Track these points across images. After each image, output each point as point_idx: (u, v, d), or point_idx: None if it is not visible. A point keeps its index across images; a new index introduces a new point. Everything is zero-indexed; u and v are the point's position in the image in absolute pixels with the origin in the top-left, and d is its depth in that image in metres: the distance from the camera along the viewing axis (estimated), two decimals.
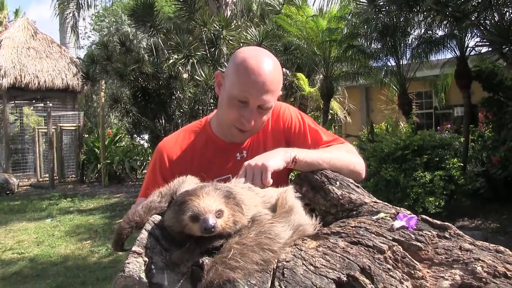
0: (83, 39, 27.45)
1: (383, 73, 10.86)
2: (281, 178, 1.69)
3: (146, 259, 1.17)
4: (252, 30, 10.61)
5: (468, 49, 9.36)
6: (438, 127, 12.75)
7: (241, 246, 1.15)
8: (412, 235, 1.30)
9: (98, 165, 15.73)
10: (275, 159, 1.63)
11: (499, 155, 8.59)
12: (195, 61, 10.60)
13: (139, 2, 11.37)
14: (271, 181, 1.55)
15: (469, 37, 9.20)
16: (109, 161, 15.36)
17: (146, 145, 16.98)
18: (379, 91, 13.44)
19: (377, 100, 16.11)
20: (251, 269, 1.11)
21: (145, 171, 16.20)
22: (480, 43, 8.67)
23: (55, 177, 15.75)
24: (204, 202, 1.21)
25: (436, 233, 1.33)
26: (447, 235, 1.33)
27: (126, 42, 12.00)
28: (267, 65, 1.78)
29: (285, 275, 1.14)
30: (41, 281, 5.82)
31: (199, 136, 2.00)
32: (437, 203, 7.04)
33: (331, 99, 12.54)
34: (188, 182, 1.45)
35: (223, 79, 1.89)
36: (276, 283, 1.13)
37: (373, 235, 1.29)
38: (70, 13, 14.45)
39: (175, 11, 12.89)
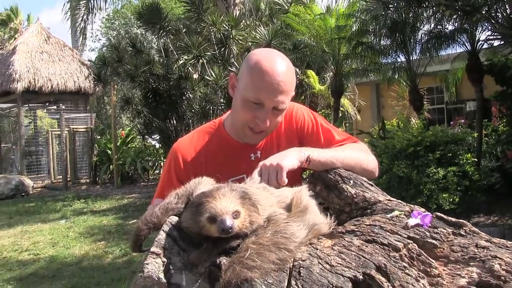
0: (94, 41, 27.67)
1: (393, 69, 10.78)
2: (295, 177, 1.71)
3: (165, 259, 1.19)
4: (261, 29, 10.62)
5: (480, 42, 9.27)
6: (451, 122, 12.62)
7: (257, 245, 1.16)
8: (427, 233, 1.30)
9: (111, 166, 15.85)
10: (290, 158, 1.65)
11: None
12: (205, 61, 10.64)
13: (146, 5, 11.45)
14: (286, 180, 1.56)
15: (480, 30, 9.11)
16: (121, 162, 15.46)
17: (157, 145, 17.06)
18: (390, 87, 13.37)
19: (387, 97, 16.03)
20: (268, 268, 1.13)
21: (157, 171, 16.33)
22: (492, 37, 8.59)
23: (68, 179, 15.91)
24: (221, 204, 1.22)
25: (451, 230, 1.33)
26: (462, 232, 1.33)
27: (137, 43, 12.06)
28: (280, 66, 1.80)
29: (302, 274, 1.15)
30: (56, 281, 5.89)
31: (213, 137, 2.02)
32: (451, 199, 6.94)
33: (342, 96, 12.51)
34: (204, 183, 1.47)
35: (237, 81, 1.91)
36: (293, 282, 1.14)
37: (388, 233, 1.30)
38: (80, 17, 14.58)
39: (184, 12, 12.94)
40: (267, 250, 1.15)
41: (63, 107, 17.66)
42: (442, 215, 1.40)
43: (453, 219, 1.38)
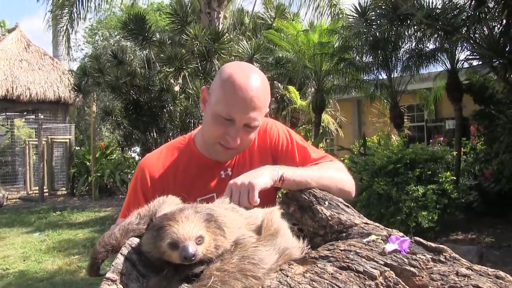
0: (76, 51, 27.46)
1: (374, 86, 10.83)
2: (268, 197, 1.62)
3: (121, 286, 1.10)
4: (243, 44, 10.60)
5: (459, 62, 9.38)
6: (431, 140, 12.72)
7: (222, 272, 1.08)
8: (405, 259, 1.22)
9: (89, 178, 15.58)
10: (262, 177, 1.56)
11: (491, 168, 8.55)
12: (186, 74, 10.57)
13: (131, 15, 11.37)
14: (258, 200, 1.48)
15: (459, 50, 9.22)
16: (99, 174, 15.22)
17: (137, 158, 16.85)
18: (371, 104, 13.43)
19: (368, 113, 16.11)
20: None
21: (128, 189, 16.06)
22: (471, 57, 8.68)
23: (45, 190, 15.58)
24: (183, 228, 1.13)
25: (430, 256, 1.26)
26: (442, 259, 1.26)
27: (118, 54, 11.95)
28: (254, 81, 1.71)
29: None
30: None
31: (182, 153, 1.92)
32: (430, 217, 6.96)
33: (323, 112, 12.51)
34: (169, 203, 1.38)
35: (208, 95, 1.81)
36: None
37: (363, 259, 1.22)
38: (63, 26, 14.42)
39: (168, 24, 12.89)
40: (233, 278, 1.07)
41: (42, 116, 17.36)
42: (421, 240, 1.33)
43: (433, 245, 1.31)
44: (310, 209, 1.53)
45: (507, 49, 6.92)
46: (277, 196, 2.02)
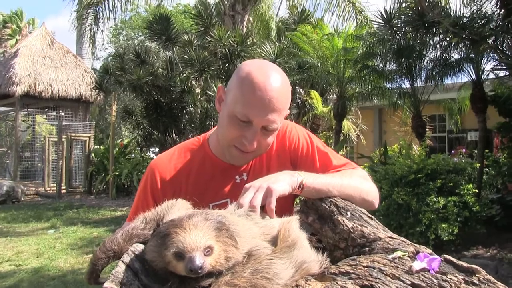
0: (100, 50, 27.71)
1: (398, 95, 10.67)
2: (284, 205, 1.50)
3: None
4: (267, 47, 10.53)
5: (484, 73, 9.21)
6: (452, 151, 12.50)
7: (231, 287, 0.98)
8: (435, 280, 1.11)
9: (107, 177, 15.62)
10: (281, 183, 1.44)
11: None
12: (208, 76, 10.53)
13: (157, 15, 11.41)
14: (274, 208, 1.37)
15: (485, 60, 9.05)
16: (117, 173, 15.24)
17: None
18: (393, 112, 13.24)
19: (390, 122, 15.93)
20: None
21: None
22: (498, 67, 8.48)
23: (62, 187, 15.66)
24: (190, 237, 1.03)
25: (462, 277, 1.14)
26: (475, 281, 1.14)
27: (142, 54, 11.98)
28: (274, 80, 1.59)
29: None
30: None
31: (195, 155, 1.81)
32: (450, 230, 6.80)
33: (344, 119, 12.37)
34: (178, 207, 1.27)
35: (225, 94, 1.70)
36: None
37: (388, 278, 1.11)
38: (88, 25, 14.53)
39: (192, 25, 12.90)
40: None
41: (63, 114, 17.50)
42: (451, 258, 1.21)
43: (465, 264, 1.19)
44: (330, 220, 1.42)
45: None
46: (294, 204, 1.91)
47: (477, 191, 7.87)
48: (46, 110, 19.03)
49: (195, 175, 1.76)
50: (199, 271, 0.99)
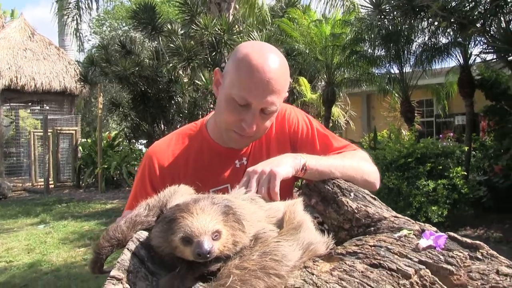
0: (83, 42, 27.34)
1: (388, 80, 10.69)
2: (286, 188, 1.49)
3: (128, 286, 0.98)
4: (254, 35, 10.46)
5: (472, 57, 9.27)
6: (440, 135, 12.58)
7: (242, 271, 0.96)
8: (441, 257, 1.11)
9: (95, 170, 15.50)
10: (284, 166, 1.43)
11: (501, 164, 8.47)
12: (195, 65, 10.44)
13: (141, 5, 11.26)
14: (278, 191, 1.35)
15: (472, 45, 9.09)
16: (106, 166, 15.13)
17: (144, 150, 16.76)
18: (381, 98, 13.28)
19: (378, 108, 15.98)
20: None
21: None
22: (486, 51, 8.53)
23: (50, 182, 15.49)
24: (198, 221, 1.01)
25: (467, 253, 1.14)
26: (479, 256, 1.14)
27: (127, 44, 11.85)
28: (272, 62, 1.56)
29: None
30: None
31: (193, 141, 1.78)
32: (440, 212, 6.92)
33: (333, 106, 12.37)
34: (181, 193, 1.25)
35: (222, 77, 1.67)
36: None
37: (396, 256, 1.11)
38: (70, 16, 14.28)
39: (177, 14, 12.77)
40: (254, 277, 0.95)
41: (47, 107, 17.25)
42: (455, 235, 1.21)
43: (469, 241, 1.19)
44: (334, 201, 1.41)
45: None
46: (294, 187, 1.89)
47: (465, 173, 7.96)
48: (30, 104, 18.69)
49: (194, 160, 1.74)
50: (208, 255, 0.97)
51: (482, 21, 7.51)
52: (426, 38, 9.63)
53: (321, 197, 1.46)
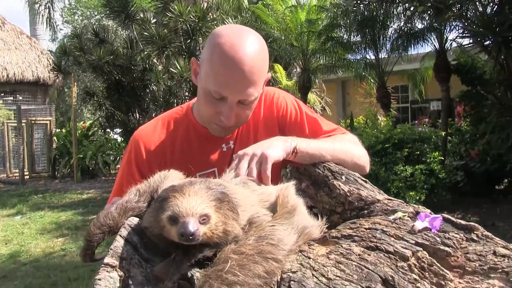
0: (53, 32, 26.81)
1: (365, 65, 10.73)
2: (274, 173, 1.43)
3: (122, 273, 0.95)
4: (229, 21, 10.36)
5: (448, 42, 9.33)
6: (416, 121, 12.72)
7: (239, 255, 0.94)
8: (438, 238, 1.10)
9: (71, 160, 15.28)
10: (275, 148, 1.40)
11: (477, 148, 8.58)
12: (170, 53, 10.32)
13: None
14: (270, 174, 1.33)
15: (448, 30, 9.16)
16: (81, 156, 14.93)
17: (119, 139, 16.60)
18: (357, 84, 13.34)
19: (354, 94, 16.06)
20: (252, 284, 0.91)
21: (119, 165, 15.79)
22: (462, 35, 8.60)
23: (25, 173, 15.24)
24: (188, 202, 0.98)
25: (462, 235, 1.14)
26: (474, 237, 1.14)
27: (100, 33, 11.64)
28: (249, 50, 1.48)
29: None
30: (8, 282, 5.49)
31: (180, 124, 1.74)
32: (417, 197, 6.96)
33: (309, 92, 12.37)
34: (172, 178, 1.21)
35: (199, 67, 1.61)
36: None
37: (392, 238, 1.09)
38: (42, 4, 13.96)
39: (150, 1, 12.57)
40: (252, 261, 0.93)
41: (20, 98, 16.89)
42: (450, 217, 1.21)
43: (463, 222, 1.19)
44: (325, 185, 1.39)
45: (500, 28, 6.78)
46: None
47: (442, 158, 8.05)
48: (2, 94, 18.30)
49: (180, 144, 1.70)
50: (190, 237, 0.94)
51: (459, 5, 7.54)
52: (402, 24, 9.68)
53: (312, 180, 1.44)
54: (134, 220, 1.08)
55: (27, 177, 15.27)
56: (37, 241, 7.30)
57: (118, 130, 14.29)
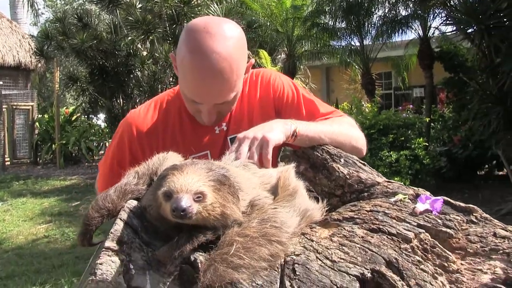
0: (35, 16, 26.34)
1: (347, 53, 10.75)
2: (273, 155, 1.41)
3: (123, 257, 0.92)
4: (214, 7, 10.26)
5: (431, 29, 9.39)
6: (400, 108, 12.80)
7: (244, 238, 0.92)
8: (439, 220, 1.10)
9: (53, 146, 15.10)
10: (275, 131, 1.38)
11: (460, 134, 8.68)
12: (155, 38, 10.21)
13: None
14: (270, 157, 1.31)
15: (432, 17, 9.21)
16: (64, 142, 14.75)
17: (103, 125, 16.44)
18: (342, 71, 13.36)
19: (338, 80, 16.08)
20: (258, 267, 0.90)
21: (102, 151, 15.68)
22: (446, 23, 8.65)
23: (6, 159, 15.01)
24: (184, 179, 0.96)
25: (462, 216, 1.14)
26: (474, 219, 1.15)
27: (83, 17, 11.46)
28: (220, 56, 1.40)
29: (297, 273, 0.93)
30: None
31: (172, 107, 1.70)
32: (402, 183, 6.97)
33: (294, 79, 12.35)
34: (171, 160, 1.19)
35: (176, 62, 1.57)
36: (287, 283, 0.92)
37: (394, 220, 1.09)
38: None
39: None
40: (257, 244, 0.92)
41: (1, 82, 16.58)
42: (449, 199, 1.21)
43: (462, 204, 1.19)
44: (324, 167, 1.38)
45: (482, 17, 6.82)
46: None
47: (427, 144, 8.13)
48: None
49: (173, 126, 1.68)
50: (182, 213, 0.92)
51: None
52: (387, 11, 9.70)
53: (310, 163, 1.42)
54: (134, 203, 1.06)
55: (8, 163, 15.05)
56: (20, 228, 7.21)
57: (102, 116, 14.17)
